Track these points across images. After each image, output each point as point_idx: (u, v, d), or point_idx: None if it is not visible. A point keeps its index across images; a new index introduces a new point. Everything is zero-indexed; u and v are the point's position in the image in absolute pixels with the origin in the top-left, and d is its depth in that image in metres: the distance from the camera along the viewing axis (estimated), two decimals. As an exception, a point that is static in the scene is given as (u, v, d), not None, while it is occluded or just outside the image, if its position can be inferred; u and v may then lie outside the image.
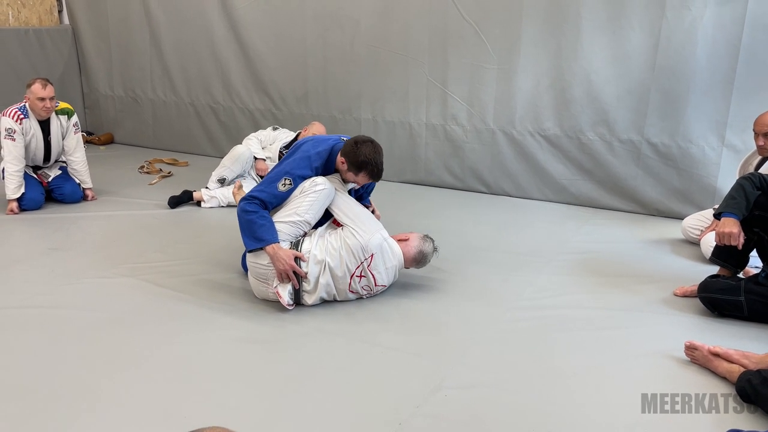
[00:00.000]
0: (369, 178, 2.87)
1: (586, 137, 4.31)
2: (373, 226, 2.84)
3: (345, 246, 2.75)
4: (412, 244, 2.90)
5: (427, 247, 2.92)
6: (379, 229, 2.84)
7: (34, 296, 2.92)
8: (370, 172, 2.82)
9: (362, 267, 2.76)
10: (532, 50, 4.32)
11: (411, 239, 2.92)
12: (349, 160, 2.81)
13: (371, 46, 4.89)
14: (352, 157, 2.79)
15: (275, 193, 2.80)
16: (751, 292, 2.64)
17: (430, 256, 2.94)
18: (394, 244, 2.85)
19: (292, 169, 2.83)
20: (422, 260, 2.92)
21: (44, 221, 4.04)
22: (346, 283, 2.77)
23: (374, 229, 2.82)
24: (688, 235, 3.65)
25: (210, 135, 5.93)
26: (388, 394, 2.18)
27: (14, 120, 4.06)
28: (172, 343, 2.51)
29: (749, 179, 2.69)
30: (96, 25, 6.27)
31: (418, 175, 4.98)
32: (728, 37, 3.74)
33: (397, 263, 2.85)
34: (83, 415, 2.05)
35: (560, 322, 2.71)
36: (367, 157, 2.78)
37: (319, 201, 2.80)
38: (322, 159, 2.90)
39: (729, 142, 3.88)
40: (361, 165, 2.79)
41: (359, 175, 2.84)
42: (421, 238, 2.93)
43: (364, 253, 2.75)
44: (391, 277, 2.89)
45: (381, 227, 2.87)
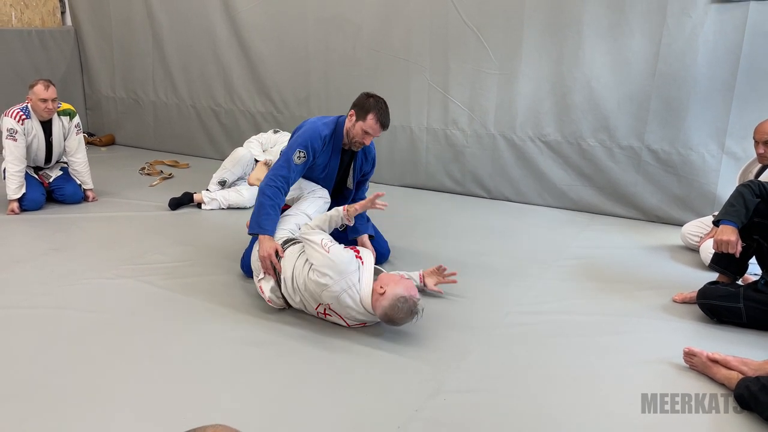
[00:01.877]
0: (376, 122, 2.93)
1: (587, 143, 4.32)
2: (331, 279, 2.49)
3: (306, 278, 2.59)
4: (381, 303, 2.46)
5: (397, 312, 2.43)
6: (340, 282, 2.49)
7: (34, 296, 2.92)
8: (377, 113, 2.93)
9: (323, 307, 2.59)
10: (534, 56, 4.34)
11: (385, 296, 2.45)
12: (357, 107, 2.97)
13: (373, 50, 4.91)
14: (361, 102, 2.97)
15: (293, 167, 2.98)
16: (750, 299, 2.64)
17: (401, 321, 2.49)
18: (362, 294, 2.50)
19: (305, 141, 3.01)
20: (389, 322, 2.51)
21: (45, 222, 4.05)
22: (313, 310, 2.66)
23: (330, 283, 2.49)
24: (688, 241, 3.66)
25: (211, 137, 5.94)
26: (387, 398, 2.18)
27: (16, 120, 4.07)
28: (172, 345, 2.51)
29: (749, 187, 2.69)
30: (98, 26, 6.29)
31: (418, 180, 4.99)
32: (729, 44, 3.76)
33: (363, 311, 2.52)
34: (83, 415, 2.05)
35: (559, 327, 2.72)
36: (377, 102, 2.95)
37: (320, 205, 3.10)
38: (330, 129, 3.07)
39: (729, 150, 3.89)
40: (369, 107, 2.93)
41: (367, 119, 2.93)
42: (394, 299, 2.43)
43: (320, 299, 2.56)
44: (370, 319, 2.59)
45: (346, 277, 2.50)
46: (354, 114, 2.98)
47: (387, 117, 2.99)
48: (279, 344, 2.53)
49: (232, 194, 4.42)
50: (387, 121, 2.99)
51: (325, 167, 3.15)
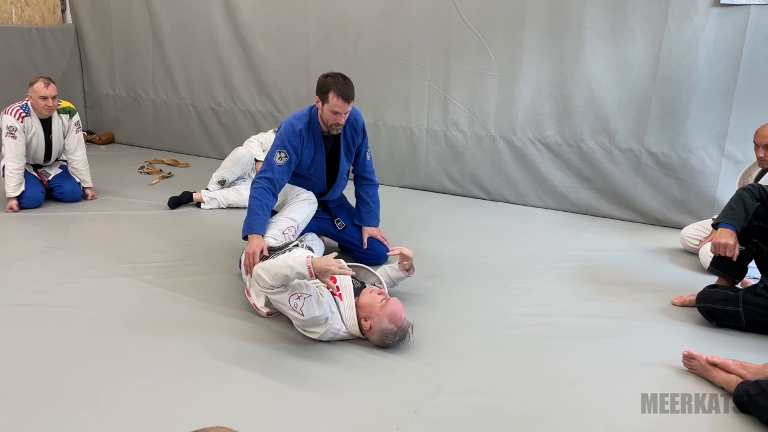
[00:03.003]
0: (338, 98, 2.91)
1: (587, 145, 4.32)
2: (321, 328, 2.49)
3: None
4: (372, 338, 2.50)
5: (387, 340, 2.46)
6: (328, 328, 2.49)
7: (32, 294, 2.92)
8: (336, 90, 2.90)
9: None
10: (534, 58, 4.34)
11: (372, 330, 2.47)
12: (319, 91, 2.96)
13: (374, 50, 4.91)
14: (320, 85, 2.95)
15: (275, 168, 3.02)
16: (750, 303, 2.64)
17: (393, 345, 2.50)
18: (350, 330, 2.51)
19: (282, 141, 3.05)
20: (383, 347, 2.50)
21: (44, 220, 4.04)
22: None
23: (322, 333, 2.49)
24: (687, 244, 3.66)
25: (211, 136, 5.94)
26: (387, 399, 2.18)
27: (16, 118, 4.07)
28: (170, 344, 2.50)
29: (749, 190, 2.69)
30: (99, 24, 6.28)
31: (418, 180, 4.99)
32: (729, 48, 3.76)
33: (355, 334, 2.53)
34: (81, 413, 2.05)
35: (558, 329, 2.72)
36: (333, 78, 2.91)
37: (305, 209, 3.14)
38: (304, 121, 3.08)
39: (729, 153, 3.90)
40: (327, 87, 2.91)
41: (330, 99, 2.92)
42: (382, 334, 2.45)
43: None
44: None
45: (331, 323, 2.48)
46: (318, 99, 2.98)
47: (348, 90, 2.93)
48: (277, 344, 2.53)
49: (231, 194, 4.42)
50: (349, 93, 2.94)
51: (312, 160, 3.15)
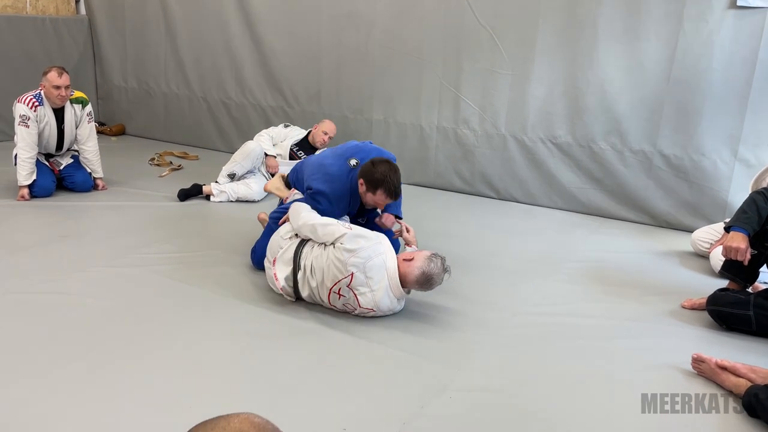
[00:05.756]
0: (386, 197, 2.89)
1: (598, 146, 4.30)
2: (364, 242, 2.59)
3: (328, 257, 2.62)
4: (415, 265, 2.59)
5: (433, 268, 2.59)
6: (372, 246, 2.59)
7: (42, 283, 2.93)
8: (386, 189, 2.86)
9: (340, 284, 2.59)
10: (547, 57, 4.32)
11: (415, 259, 2.61)
12: (366, 180, 2.88)
13: (385, 47, 4.90)
14: (369, 175, 2.87)
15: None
16: (760, 307, 2.62)
17: (437, 278, 2.61)
18: (388, 264, 2.59)
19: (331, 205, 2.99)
20: (427, 283, 2.61)
21: (54, 209, 4.06)
22: (325, 294, 2.66)
23: (364, 246, 2.58)
24: (698, 248, 3.64)
25: (221, 130, 5.95)
26: (392, 394, 2.17)
27: (29, 107, 4.09)
28: (178, 335, 2.51)
29: (762, 194, 2.67)
30: (112, 16, 6.31)
31: (427, 178, 4.98)
32: (745, 51, 3.73)
33: (387, 284, 2.57)
34: (88, 402, 2.06)
35: (566, 329, 2.70)
36: (384, 175, 2.85)
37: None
38: (345, 190, 3.00)
39: (742, 157, 3.86)
40: (377, 183, 2.85)
41: (377, 194, 2.88)
42: (426, 258, 2.60)
43: (344, 270, 2.57)
44: (385, 301, 2.61)
45: (377, 243, 2.62)
46: (363, 184, 2.90)
47: (397, 186, 2.89)
48: (285, 337, 2.53)
49: (241, 187, 4.43)
50: (398, 190, 2.91)
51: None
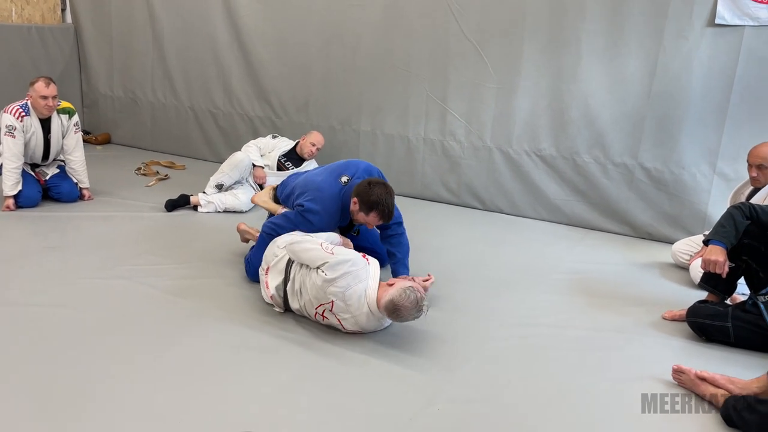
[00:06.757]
0: (379, 219, 2.89)
1: (582, 159, 4.38)
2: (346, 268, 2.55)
3: (311, 279, 2.62)
4: (389, 291, 2.50)
5: (403, 300, 2.45)
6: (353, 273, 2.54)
7: (28, 295, 2.92)
8: (380, 212, 2.86)
9: (324, 307, 2.60)
10: (532, 71, 4.39)
11: (393, 286, 2.53)
12: (360, 200, 2.88)
13: (373, 59, 4.95)
14: (364, 196, 2.86)
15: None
16: (738, 319, 2.70)
17: (405, 311, 2.48)
18: (368, 291, 2.54)
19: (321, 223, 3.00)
20: (394, 312, 2.49)
21: (40, 219, 4.04)
22: (312, 313, 2.68)
23: (345, 273, 2.53)
24: (678, 259, 3.71)
25: (208, 140, 5.96)
26: (381, 407, 2.20)
27: (15, 117, 4.07)
28: (165, 348, 2.52)
29: (739, 208, 2.75)
30: (99, 24, 6.29)
31: (414, 189, 5.03)
32: (723, 68, 3.83)
33: (367, 311, 2.53)
34: (76, 415, 2.06)
35: (550, 341, 2.75)
36: (380, 197, 2.84)
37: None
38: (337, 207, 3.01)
39: (720, 171, 3.96)
40: (372, 205, 2.85)
41: (370, 215, 2.88)
42: (402, 288, 2.49)
43: (324, 297, 2.57)
44: (371, 323, 2.59)
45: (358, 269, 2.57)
46: (357, 203, 2.89)
47: (391, 210, 2.88)
48: (274, 350, 2.55)
49: (228, 198, 4.44)
50: (392, 213, 2.90)
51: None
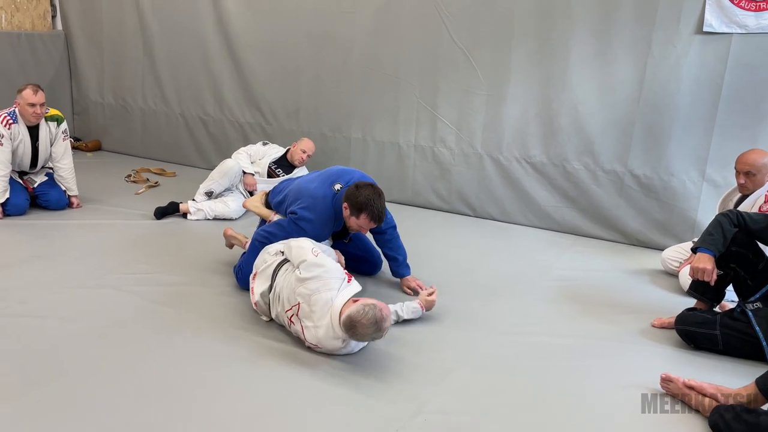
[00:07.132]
0: (370, 221, 2.88)
1: (571, 166, 4.39)
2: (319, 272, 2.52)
3: (288, 281, 2.63)
4: (349, 306, 2.40)
5: (361, 317, 2.33)
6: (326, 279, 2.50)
7: (15, 304, 2.90)
8: (370, 213, 2.84)
9: (293, 311, 2.58)
10: (522, 79, 4.41)
11: (358, 302, 2.41)
12: (350, 203, 2.87)
13: (364, 66, 4.95)
14: (353, 199, 2.86)
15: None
16: (727, 327, 2.70)
17: (362, 329, 2.35)
18: (336, 301, 2.46)
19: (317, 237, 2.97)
20: (350, 329, 2.37)
21: (28, 227, 4.01)
22: (285, 320, 2.66)
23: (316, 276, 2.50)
24: (667, 266, 3.72)
25: (199, 146, 5.94)
26: (368, 416, 2.19)
27: (3, 125, 4.05)
28: (154, 357, 2.50)
29: (727, 216, 2.76)
30: (89, 31, 6.27)
31: (405, 196, 5.02)
32: (711, 75, 3.85)
33: (329, 322, 2.44)
34: (61, 427, 2.04)
35: (539, 349, 2.75)
36: (368, 198, 2.83)
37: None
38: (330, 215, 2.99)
39: (709, 177, 3.98)
40: (361, 206, 2.84)
41: (361, 218, 2.86)
42: (362, 304, 2.37)
43: (293, 298, 2.56)
44: (329, 341, 2.46)
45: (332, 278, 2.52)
46: (347, 207, 2.89)
47: (381, 211, 2.87)
48: (261, 360, 2.53)
49: (218, 205, 4.42)
50: (382, 214, 2.88)
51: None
